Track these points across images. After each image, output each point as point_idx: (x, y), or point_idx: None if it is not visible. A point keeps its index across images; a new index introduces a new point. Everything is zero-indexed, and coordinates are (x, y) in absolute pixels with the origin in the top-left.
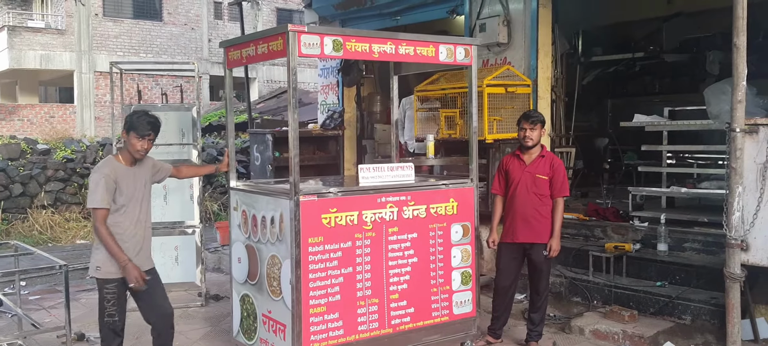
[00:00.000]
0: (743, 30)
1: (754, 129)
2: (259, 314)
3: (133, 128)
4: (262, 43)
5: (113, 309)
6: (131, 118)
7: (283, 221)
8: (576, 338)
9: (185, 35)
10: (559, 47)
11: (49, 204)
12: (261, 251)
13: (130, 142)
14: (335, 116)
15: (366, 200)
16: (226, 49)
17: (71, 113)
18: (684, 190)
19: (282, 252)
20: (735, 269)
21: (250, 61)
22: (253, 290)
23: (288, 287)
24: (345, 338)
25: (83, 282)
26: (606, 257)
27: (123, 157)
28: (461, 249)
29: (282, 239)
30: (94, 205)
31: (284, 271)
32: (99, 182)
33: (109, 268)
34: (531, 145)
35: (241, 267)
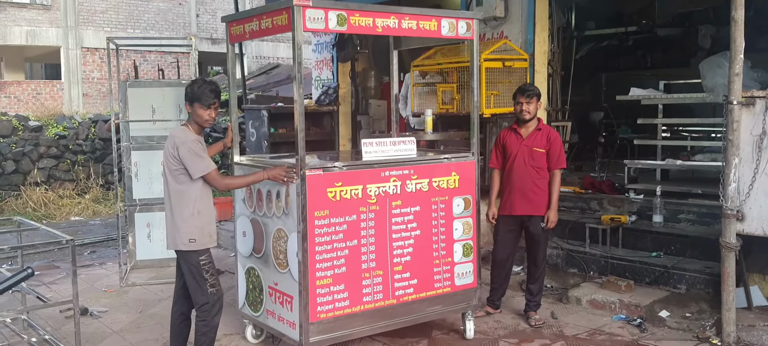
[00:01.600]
0: (741, 4)
1: (751, 101)
2: (266, 286)
3: (197, 99)
4: (266, 17)
5: (213, 279)
6: (192, 88)
7: (289, 195)
8: (573, 307)
9: (173, 10)
10: (556, 21)
11: (43, 181)
12: (267, 225)
13: (196, 113)
14: (330, 92)
15: (370, 174)
16: (228, 23)
17: (59, 90)
18: (679, 162)
19: (288, 226)
20: (730, 239)
21: (253, 36)
22: (259, 263)
23: (295, 259)
24: (350, 309)
25: (81, 257)
26: (602, 229)
27: (192, 128)
28: (463, 222)
29: (288, 212)
30: (208, 169)
31: (291, 244)
32: (196, 149)
33: (204, 238)
34: (528, 119)
35: (247, 241)
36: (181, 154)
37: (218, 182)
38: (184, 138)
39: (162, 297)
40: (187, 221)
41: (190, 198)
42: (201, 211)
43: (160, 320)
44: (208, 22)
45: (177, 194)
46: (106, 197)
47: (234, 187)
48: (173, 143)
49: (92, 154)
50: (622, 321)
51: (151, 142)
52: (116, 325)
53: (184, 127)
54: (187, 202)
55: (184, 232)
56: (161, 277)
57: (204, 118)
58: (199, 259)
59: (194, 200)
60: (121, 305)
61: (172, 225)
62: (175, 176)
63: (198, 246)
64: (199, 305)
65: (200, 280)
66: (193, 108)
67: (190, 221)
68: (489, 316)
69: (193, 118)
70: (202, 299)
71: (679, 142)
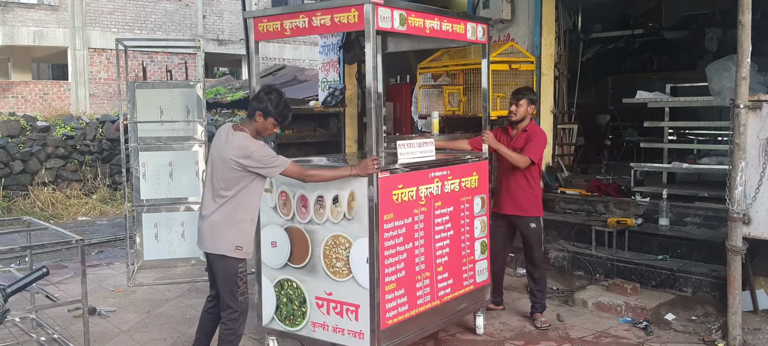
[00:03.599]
0: (749, 7)
1: (758, 105)
2: (311, 297)
3: (276, 116)
4: (322, 14)
5: (244, 287)
6: (272, 103)
7: (355, 200)
8: (579, 310)
9: (180, 11)
10: (562, 24)
11: (50, 181)
12: (314, 232)
13: (265, 126)
14: (336, 93)
15: (421, 176)
16: (254, 20)
17: (66, 90)
18: (685, 165)
19: (353, 231)
20: (737, 242)
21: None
22: (300, 273)
23: (361, 266)
24: (409, 313)
25: (90, 257)
26: (608, 232)
27: (250, 133)
28: (480, 220)
29: (353, 217)
30: (285, 163)
31: (356, 250)
32: (266, 147)
33: (247, 246)
34: (515, 120)
35: (278, 252)
36: (255, 159)
37: (302, 173)
38: (254, 145)
39: (169, 297)
40: (239, 227)
41: (249, 205)
42: (254, 219)
43: (167, 320)
44: (214, 24)
45: (234, 200)
46: (113, 198)
47: (320, 179)
48: (241, 151)
49: (99, 155)
50: (628, 324)
51: (158, 142)
52: (124, 325)
53: (245, 134)
54: (245, 209)
55: (232, 238)
56: (168, 277)
57: (271, 132)
58: (238, 266)
59: (252, 207)
60: (129, 305)
61: (216, 230)
62: (236, 181)
63: (242, 254)
64: (227, 311)
65: (234, 287)
66: (266, 121)
67: (242, 227)
68: (494, 317)
69: (258, 128)
70: (233, 305)
71: (686, 145)
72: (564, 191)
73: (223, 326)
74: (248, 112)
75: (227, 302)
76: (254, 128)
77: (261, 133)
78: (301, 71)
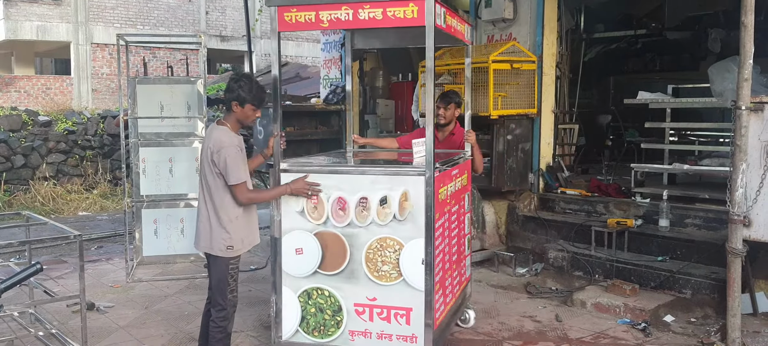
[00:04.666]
0: (752, 8)
1: (760, 107)
2: (348, 305)
3: (251, 101)
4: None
5: (234, 285)
6: (243, 89)
7: (408, 199)
8: (578, 310)
9: (182, 7)
10: (564, 23)
11: (51, 176)
12: (354, 236)
13: (245, 113)
14: (338, 91)
15: (448, 175)
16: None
17: (68, 85)
18: (686, 167)
19: (404, 233)
20: (737, 244)
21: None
22: (335, 280)
23: (414, 268)
24: (443, 313)
25: (88, 252)
26: (608, 232)
27: (232, 127)
28: (468, 216)
29: (404, 219)
30: (241, 179)
31: (409, 252)
32: (235, 157)
33: (238, 245)
34: (443, 123)
35: (305, 259)
36: (221, 157)
37: (244, 195)
38: (228, 141)
39: (168, 293)
40: (228, 227)
41: (232, 202)
42: (239, 216)
43: (165, 316)
44: (217, 20)
45: (219, 197)
46: (113, 193)
47: (258, 201)
48: (215, 145)
49: (101, 150)
50: (626, 325)
51: (159, 138)
52: (122, 320)
53: (224, 128)
54: (232, 208)
55: (222, 237)
56: (167, 273)
57: (252, 118)
58: (229, 263)
59: (235, 204)
60: (127, 301)
61: (207, 227)
62: (215, 178)
63: (233, 253)
64: (217, 308)
65: (224, 285)
66: (244, 108)
67: (231, 227)
68: (492, 317)
69: (238, 117)
70: (222, 302)
71: (687, 146)
72: (564, 191)
73: (213, 323)
74: (225, 105)
75: (217, 299)
76: (235, 119)
77: (243, 121)
78: (304, 68)
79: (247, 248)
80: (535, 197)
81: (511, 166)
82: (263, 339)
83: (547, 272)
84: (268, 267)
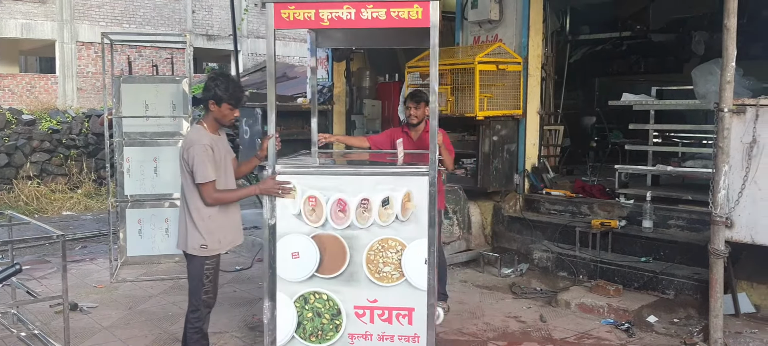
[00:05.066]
0: (734, 11)
1: (742, 109)
2: (348, 308)
3: (226, 99)
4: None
5: (210, 285)
6: (219, 87)
7: (411, 200)
8: (562, 311)
9: (169, 6)
10: (550, 25)
11: (35, 175)
12: (355, 238)
13: (222, 112)
14: (324, 91)
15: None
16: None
17: (53, 84)
18: (669, 168)
19: (407, 233)
20: (719, 246)
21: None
22: (334, 284)
23: (417, 268)
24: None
25: (71, 252)
26: (592, 233)
27: (209, 127)
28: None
29: (407, 219)
30: (207, 178)
31: (411, 252)
32: (202, 155)
33: (213, 244)
34: (415, 123)
35: (302, 263)
36: (190, 155)
37: (211, 196)
38: (197, 140)
39: (152, 294)
40: (200, 226)
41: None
42: (213, 215)
43: (149, 316)
44: (203, 19)
45: (191, 196)
46: (98, 192)
47: (225, 201)
48: (186, 143)
49: (85, 149)
50: (610, 325)
51: (143, 138)
52: (105, 321)
53: (199, 127)
54: (201, 205)
55: (195, 236)
56: (151, 273)
57: (229, 117)
58: (205, 263)
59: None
60: (111, 301)
61: (184, 226)
62: (186, 177)
63: (208, 253)
64: (191, 308)
65: (199, 285)
66: (221, 107)
67: (203, 225)
68: (477, 317)
69: (215, 117)
70: (196, 302)
71: (670, 148)
72: (549, 192)
73: (188, 324)
74: (203, 104)
75: (192, 299)
76: (212, 119)
77: (221, 121)
78: (291, 68)
79: (225, 249)
80: (520, 197)
81: (497, 167)
82: (248, 340)
83: (532, 272)
84: (253, 268)
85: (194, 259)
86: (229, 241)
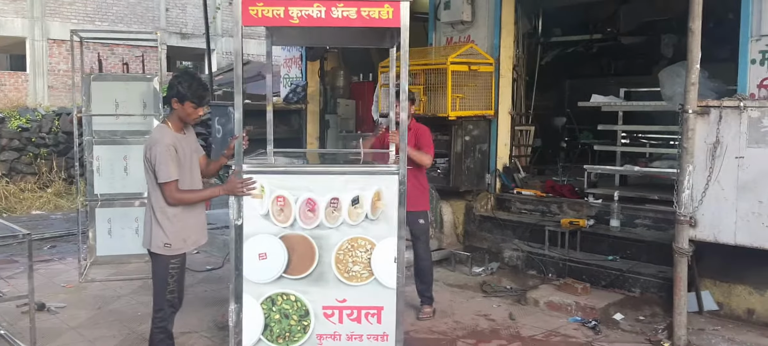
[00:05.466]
0: (699, 14)
1: (706, 111)
2: (316, 308)
3: (188, 97)
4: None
5: (174, 285)
6: (182, 85)
7: (381, 199)
8: (531, 309)
9: (142, 4)
10: (521, 27)
11: (4, 174)
12: (324, 237)
13: (185, 110)
14: (298, 90)
15: None
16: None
17: (23, 82)
18: (637, 168)
19: (376, 232)
20: (683, 244)
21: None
22: (302, 284)
23: (386, 266)
24: None
25: (40, 252)
26: (561, 232)
27: (173, 126)
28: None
29: (376, 218)
30: (170, 178)
31: (380, 251)
32: (164, 154)
33: (178, 243)
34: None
35: (269, 264)
36: (152, 154)
37: (174, 195)
38: (160, 138)
39: (121, 294)
40: (163, 225)
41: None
42: (177, 214)
43: (118, 316)
44: (177, 17)
45: (155, 194)
46: (68, 192)
47: (188, 201)
48: (149, 142)
49: (55, 148)
50: (577, 323)
51: (114, 136)
52: (73, 321)
53: (163, 126)
54: (164, 204)
55: (160, 236)
56: (121, 273)
57: (193, 116)
58: (169, 263)
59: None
60: (79, 301)
61: (148, 225)
62: (150, 176)
63: (171, 251)
64: (156, 308)
65: (164, 284)
66: (183, 106)
67: (166, 224)
68: (448, 316)
69: (179, 115)
70: (160, 302)
71: (638, 148)
72: (520, 192)
73: (153, 323)
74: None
75: (157, 298)
76: (177, 117)
77: (185, 120)
78: (265, 66)
79: (190, 248)
80: (491, 197)
81: (469, 167)
82: (217, 340)
83: (502, 271)
84: (224, 267)
85: (159, 258)
86: (193, 240)
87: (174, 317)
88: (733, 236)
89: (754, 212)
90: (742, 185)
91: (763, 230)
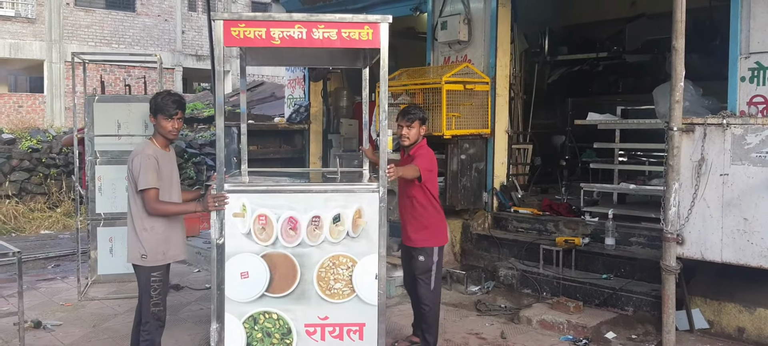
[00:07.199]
0: (682, 33)
1: (691, 128)
2: (298, 326)
3: (160, 110)
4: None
5: (158, 298)
6: (155, 100)
7: (362, 216)
8: (524, 327)
9: (158, 27)
10: (518, 46)
11: (14, 194)
12: (306, 255)
13: (160, 124)
14: (301, 110)
15: None
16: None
17: (41, 103)
18: (632, 186)
19: (358, 249)
20: (671, 262)
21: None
22: (284, 302)
23: (368, 283)
24: None
25: (43, 271)
26: (556, 251)
27: (157, 142)
28: None
29: (357, 235)
30: (148, 185)
31: (362, 268)
32: (146, 164)
33: (156, 255)
34: (407, 144)
35: (251, 282)
36: (134, 164)
37: (152, 204)
38: (142, 150)
39: (118, 312)
40: (142, 236)
41: (144, 212)
42: (155, 226)
43: (112, 334)
44: (193, 39)
45: (134, 206)
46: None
47: (166, 212)
48: (131, 155)
49: (65, 168)
50: (568, 342)
51: (116, 156)
52: (68, 338)
53: (147, 141)
54: (143, 215)
55: (137, 247)
56: (121, 292)
57: (167, 128)
58: (150, 275)
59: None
60: (76, 319)
61: (130, 237)
62: (132, 186)
63: (149, 262)
64: (142, 321)
65: (147, 297)
66: (157, 119)
67: (144, 236)
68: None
69: (158, 131)
70: (145, 315)
71: (636, 166)
72: (517, 210)
73: (140, 336)
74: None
75: (142, 311)
76: (158, 133)
77: (164, 134)
78: (280, 88)
79: (169, 261)
80: (488, 215)
81: (465, 186)
82: None
83: (498, 289)
84: None
85: (141, 270)
86: (172, 254)
87: (161, 331)
88: (719, 254)
89: (739, 229)
90: (727, 202)
91: (748, 247)
